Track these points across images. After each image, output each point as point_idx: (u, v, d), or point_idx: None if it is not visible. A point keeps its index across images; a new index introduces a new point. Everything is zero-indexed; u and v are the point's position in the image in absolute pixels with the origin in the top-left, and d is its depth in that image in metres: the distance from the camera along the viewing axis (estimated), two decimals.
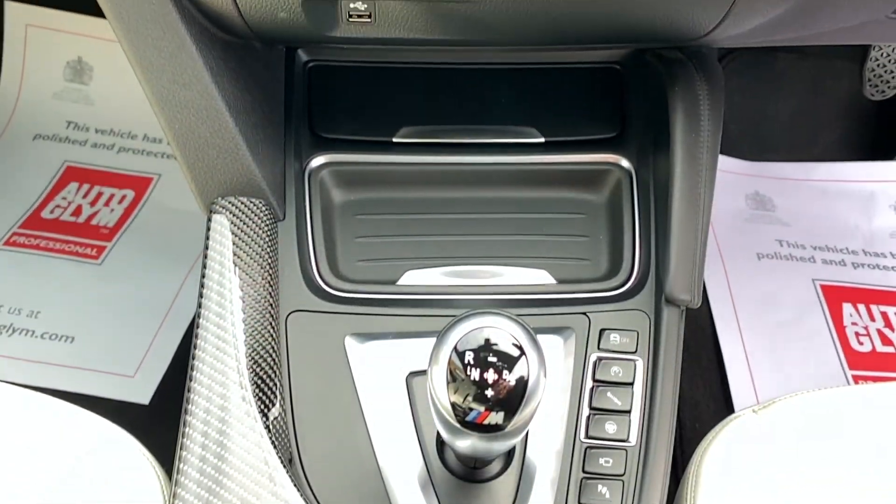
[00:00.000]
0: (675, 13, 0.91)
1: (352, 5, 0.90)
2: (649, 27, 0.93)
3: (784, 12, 0.94)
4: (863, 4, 0.96)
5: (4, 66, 1.98)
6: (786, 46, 1.62)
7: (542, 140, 1.10)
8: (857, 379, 1.54)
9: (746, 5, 0.90)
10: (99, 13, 0.87)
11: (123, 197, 1.84)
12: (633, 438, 0.88)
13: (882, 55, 1.97)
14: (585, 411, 0.89)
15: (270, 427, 0.84)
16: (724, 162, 1.90)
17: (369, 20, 0.91)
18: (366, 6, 0.90)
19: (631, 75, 1.14)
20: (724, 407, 1.51)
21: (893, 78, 1.99)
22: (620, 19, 0.92)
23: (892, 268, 1.78)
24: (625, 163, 1.08)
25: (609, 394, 0.90)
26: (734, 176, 1.91)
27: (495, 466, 0.85)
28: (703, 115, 1.01)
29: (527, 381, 0.66)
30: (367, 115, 1.11)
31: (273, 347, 0.90)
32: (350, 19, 0.91)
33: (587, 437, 0.88)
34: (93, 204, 1.82)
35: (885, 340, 1.63)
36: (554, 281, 1.01)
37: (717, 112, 1.03)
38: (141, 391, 1.50)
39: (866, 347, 1.61)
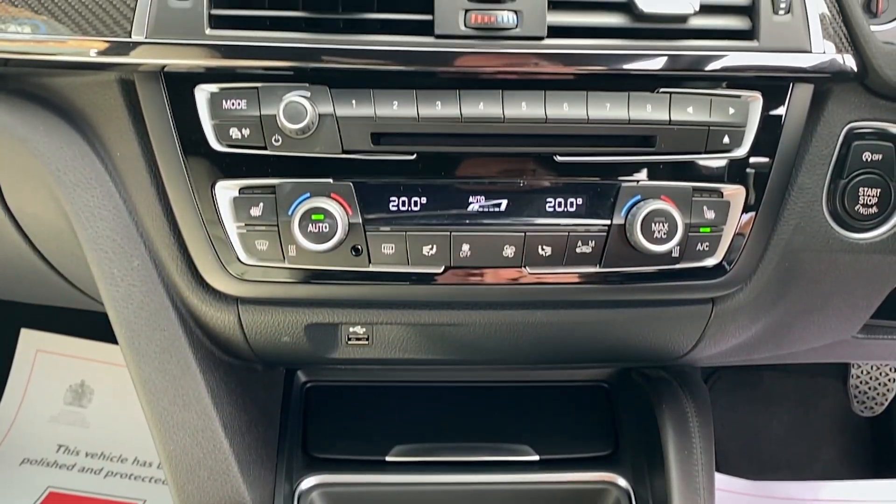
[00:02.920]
0: (652, 337, 0.97)
1: (351, 329, 0.96)
2: (630, 349, 0.99)
3: (754, 335, 1.01)
4: (826, 328, 1.04)
5: (7, 391, 2.02)
6: (769, 364, 1.68)
7: (536, 458, 1.09)
8: None
9: (717, 331, 0.97)
10: (107, 338, 0.92)
11: None
12: None
13: (862, 372, 2.03)
14: None
15: None
16: (725, 481, 1.85)
17: (367, 343, 0.97)
18: (364, 330, 0.96)
19: (619, 393, 1.18)
20: None
21: (878, 394, 2.03)
22: (602, 343, 0.98)
23: None
24: (621, 482, 1.07)
25: None
26: (738, 497, 1.84)
27: None
28: (693, 433, 1.02)
29: None
30: (361, 434, 1.12)
31: None
32: (349, 342, 0.97)
33: None
34: None
35: None
36: None
37: (706, 430, 1.04)
38: None
39: None
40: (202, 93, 0.82)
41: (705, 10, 0.81)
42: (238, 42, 0.79)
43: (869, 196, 0.91)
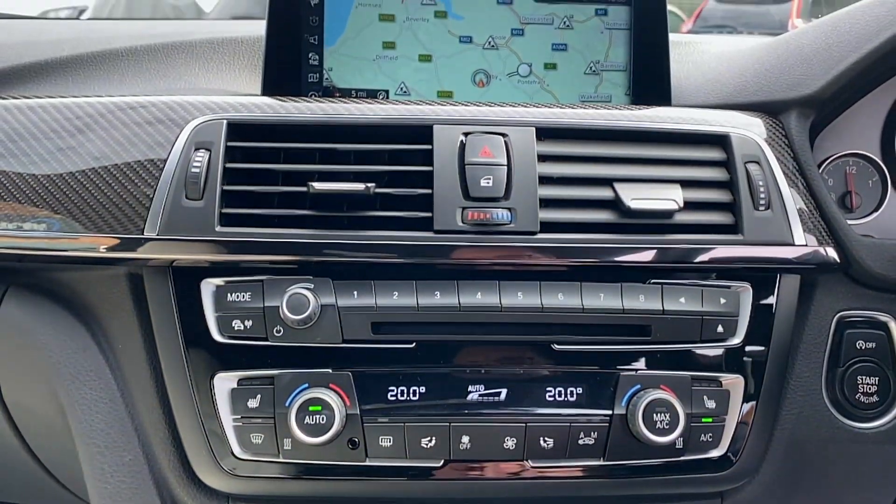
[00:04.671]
0: None
1: None
2: None
3: None
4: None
5: None
6: None
7: None
8: None
9: None
10: None
11: None
12: None
13: None
14: None
15: None
16: None
17: None
18: None
19: None
20: None
21: None
22: None
23: None
24: None
25: None
26: None
27: None
28: None
29: None
30: None
31: None
32: None
33: None
34: None
35: None
36: None
37: None
38: None
39: None
40: (208, 286, 0.84)
41: (689, 206, 0.86)
42: (246, 238, 0.82)
43: (868, 384, 0.91)
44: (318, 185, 0.82)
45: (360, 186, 0.82)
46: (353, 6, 1.04)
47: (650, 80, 1.05)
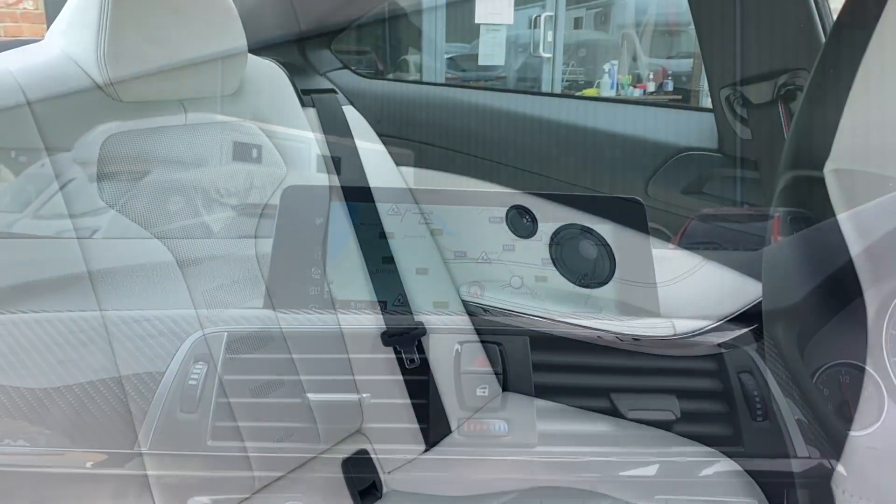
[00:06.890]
0: None
1: None
2: None
3: None
4: None
5: None
6: None
7: None
8: None
9: None
10: None
11: None
12: None
13: None
14: None
15: None
16: None
17: None
18: None
19: None
20: None
21: None
22: None
23: None
24: None
25: None
26: None
27: None
28: None
29: None
30: None
31: None
32: None
33: None
34: None
35: None
36: None
37: None
38: None
39: None
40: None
41: (686, 417, 0.85)
42: (236, 454, 0.81)
43: None
44: (312, 397, 0.82)
45: (353, 397, 0.82)
46: (356, 225, 1.10)
47: (638, 293, 1.09)
